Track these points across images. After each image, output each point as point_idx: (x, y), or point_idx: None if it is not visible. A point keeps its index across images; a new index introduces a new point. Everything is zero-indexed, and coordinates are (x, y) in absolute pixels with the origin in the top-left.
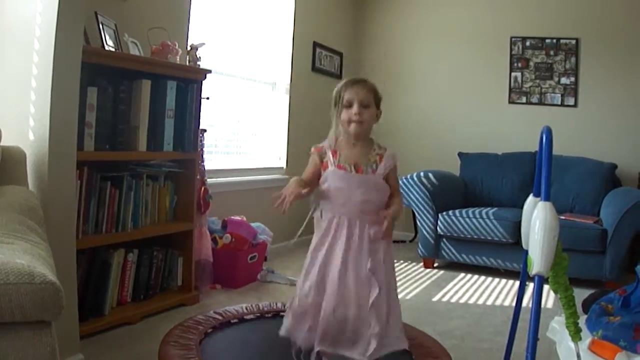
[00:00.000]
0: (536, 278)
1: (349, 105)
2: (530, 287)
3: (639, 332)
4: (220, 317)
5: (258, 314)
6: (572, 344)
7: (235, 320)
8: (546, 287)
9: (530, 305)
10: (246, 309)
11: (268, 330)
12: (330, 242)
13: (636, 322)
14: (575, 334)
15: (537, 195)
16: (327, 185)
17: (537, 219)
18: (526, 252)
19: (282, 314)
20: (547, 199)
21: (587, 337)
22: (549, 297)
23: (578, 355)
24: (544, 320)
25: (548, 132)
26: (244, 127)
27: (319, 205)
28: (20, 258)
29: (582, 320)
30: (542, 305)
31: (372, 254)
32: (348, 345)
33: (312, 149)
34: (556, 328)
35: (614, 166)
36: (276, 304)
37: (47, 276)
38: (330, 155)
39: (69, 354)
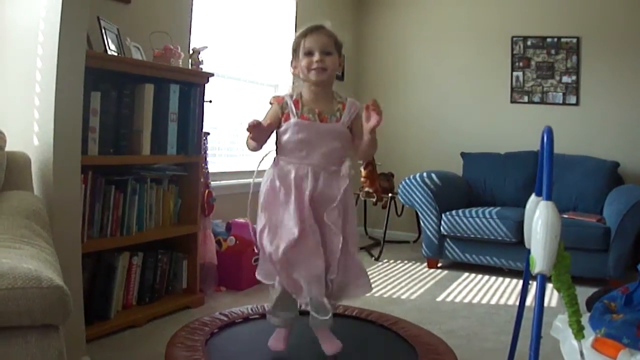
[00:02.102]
0: (538, 277)
1: (310, 53)
2: (534, 286)
3: None
4: (225, 318)
5: (263, 315)
6: (575, 342)
7: (240, 321)
8: (550, 286)
9: (533, 304)
10: (251, 309)
11: (273, 330)
12: (288, 195)
13: (639, 320)
14: (578, 332)
15: (539, 194)
16: (288, 136)
17: (539, 218)
18: (529, 251)
19: None
20: (548, 198)
21: (590, 335)
22: (553, 296)
23: (581, 353)
24: (548, 319)
25: (549, 131)
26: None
27: (273, 160)
28: (27, 263)
29: (585, 318)
30: (546, 304)
31: (337, 202)
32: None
33: (271, 99)
34: (560, 326)
35: (617, 164)
36: None
37: (54, 280)
38: (292, 106)
39: (75, 358)
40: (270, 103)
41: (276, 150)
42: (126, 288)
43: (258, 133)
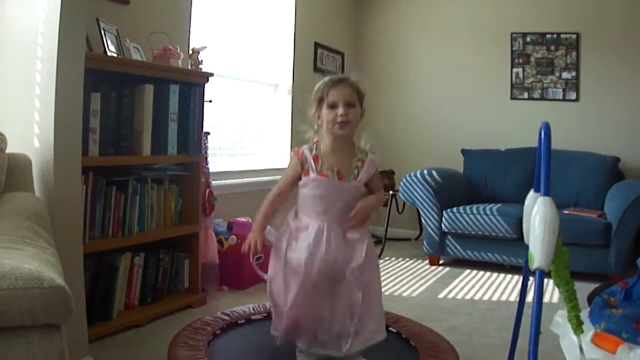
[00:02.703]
0: (537, 272)
1: (334, 106)
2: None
3: None
4: (228, 318)
5: (265, 314)
6: (574, 337)
7: (242, 321)
8: (550, 282)
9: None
10: (253, 309)
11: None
12: (311, 247)
13: (638, 314)
14: (577, 327)
15: (537, 190)
16: (307, 191)
17: (537, 214)
18: (528, 247)
19: None
20: (546, 194)
21: (590, 330)
22: (554, 292)
23: (580, 348)
24: (549, 315)
25: (546, 127)
26: (248, 128)
27: (293, 211)
28: (28, 263)
29: (585, 313)
30: (547, 300)
31: (353, 254)
32: (333, 344)
33: (293, 154)
34: (560, 322)
35: (617, 159)
36: None
37: (55, 280)
38: (312, 162)
39: (78, 357)
40: (291, 157)
41: (297, 202)
42: (128, 288)
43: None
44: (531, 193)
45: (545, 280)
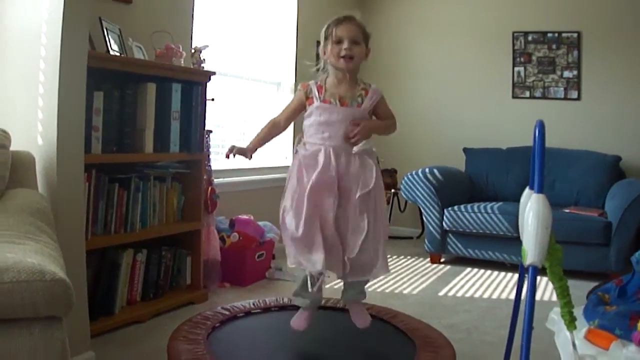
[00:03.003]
0: (530, 268)
1: (339, 42)
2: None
3: (635, 321)
4: (227, 313)
5: (265, 309)
6: (568, 333)
7: (242, 315)
8: (545, 278)
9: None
10: (253, 304)
11: (275, 323)
12: (318, 176)
13: (632, 311)
14: (570, 323)
15: (532, 187)
16: (311, 119)
17: (531, 211)
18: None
19: (288, 308)
20: (540, 191)
21: (583, 327)
22: (549, 289)
23: (574, 344)
24: (545, 312)
25: (541, 125)
26: (250, 127)
27: (302, 140)
28: (31, 257)
29: (579, 310)
30: (547, 298)
31: (361, 181)
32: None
33: (299, 86)
34: (555, 319)
35: (618, 158)
36: (282, 299)
37: (57, 274)
38: (316, 91)
39: (80, 352)
40: (298, 89)
41: (303, 132)
42: (130, 284)
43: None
44: (527, 190)
45: (542, 277)
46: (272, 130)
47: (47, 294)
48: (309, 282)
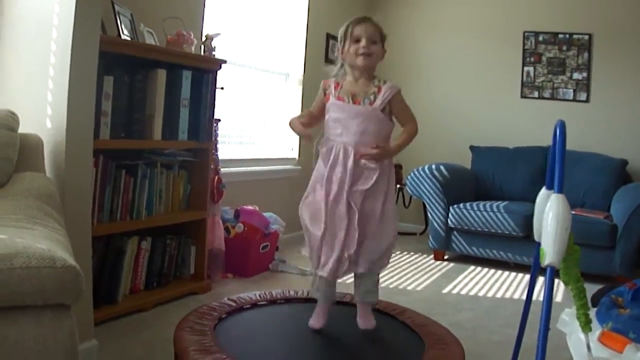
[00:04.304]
0: (548, 269)
1: (357, 40)
2: (539, 280)
3: None
4: (234, 304)
5: (271, 301)
6: (582, 335)
7: (248, 307)
8: (556, 280)
9: (539, 298)
10: (259, 296)
11: (281, 315)
12: (328, 171)
13: None
14: (586, 325)
15: (549, 188)
16: (328, 115)
17: (550, 211)
18: (538, 244)
19: (295, 301)
20: (560, 191)
21: (597, 329)
22: (559, 290)
23: (588, 346)
24: (555, 313)
25: (562, 125)
26: (258, 117)
27: (322, 136)
28: (40, 243)
29: (592, 313)
30: (553, 299)
31: (363, 182)
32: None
33: (322, 82)
34: (566, 320)
35: (625, 162)
36: (288, 291)
37: (67, 260)
38: (332, 88)
39: (83, 340)
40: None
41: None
42: (134, 272)
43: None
44: (543, 190)
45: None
46: (311, 120)
47: (57, 281)
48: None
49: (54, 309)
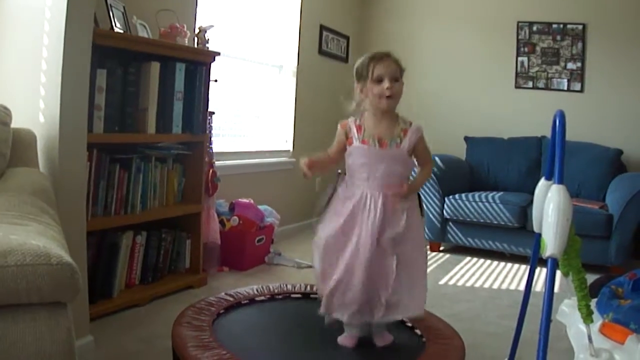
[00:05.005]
0: (549, 260)
1: (380, 80)
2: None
3: None
4: (231, 299)
5: (269, 296)
6: (583, 327)
7: (246, 302)
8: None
9: (535, 289)
10: (257, 290)
11: (279, 311)
12: (352, 217)
13: None
14: (587, 316)
15: (548, 178)
16: (351, 160)
17: (551, 202)
18: (537, 235)
19: (292, 295)
20: (560, 182)
21: (597, 320)
22: (555, 282)
23: (589, 338)
24: (553, 304)
25: (561, 116)
26: (251, 110)
27: (343, 180)
28: (35, 239)
29: (592, 304)
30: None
31: (394, 225)
32: (367, 311)
33: (339, 125)
34: (566, 311)
35: (620, 152)
36: (286, 286)
37: (63, 257)
38: (355, 131)
39: (79, 336)
40: (338, 129)
41: (345, 171)
42: (129, 267)
43: (318, 169)
44: (542, 181)
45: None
46: (327, 163)
47: (52, 278)
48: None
49: (51, 307)
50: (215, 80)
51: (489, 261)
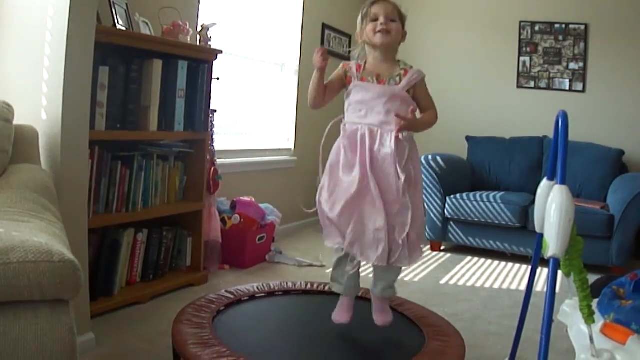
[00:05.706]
0: (551, 260)
1: (375, 19)
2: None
3: None
4: (232, 296)
5: (269, 293)
6: (584, 327)
7: (246, 299)
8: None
9: (536, 290)
10: (257, 288)
11: (279, 308)
12: (351, 154)
13: None
14: (589, 317)
15: (551, 178)
16: (350, 98)
17: (553, 202)
18: (539, 235)
19: (293, 293)
20: (563, 182)
21: (599, 321)
22: (556, 282)
23: (591, 338)
24: (554, 305)
25: (564, 116)
26: (253, 108)
27: (343, 121)
28: (37, 236)
29: (593, 304)
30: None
31: (399, 161)
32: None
33: (340, 64)
34: (567, 311)
35: (622, 152)
36: (286, 283)
37: (65, 254)
38: (354, 70)
39: (80, 333)
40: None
41: (344, 113)
42: (130, 264)
43: (324, 62)
44: (544, 182)
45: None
46: (322, 83)
47: (55, 276)
48: (348, 261)
49: (53, 304)
50: (218, 79)
51: (490, 261)
